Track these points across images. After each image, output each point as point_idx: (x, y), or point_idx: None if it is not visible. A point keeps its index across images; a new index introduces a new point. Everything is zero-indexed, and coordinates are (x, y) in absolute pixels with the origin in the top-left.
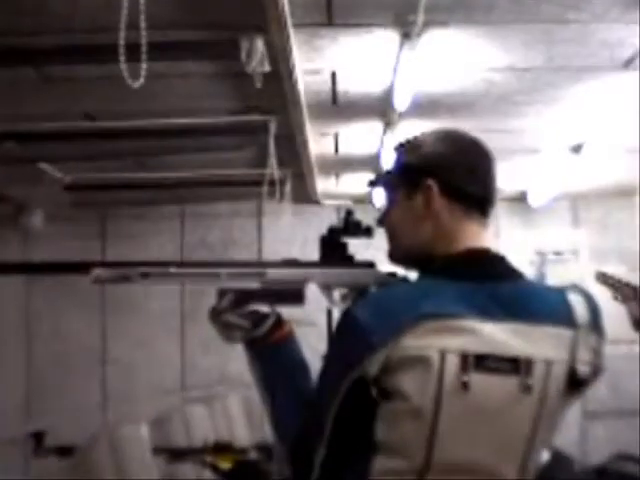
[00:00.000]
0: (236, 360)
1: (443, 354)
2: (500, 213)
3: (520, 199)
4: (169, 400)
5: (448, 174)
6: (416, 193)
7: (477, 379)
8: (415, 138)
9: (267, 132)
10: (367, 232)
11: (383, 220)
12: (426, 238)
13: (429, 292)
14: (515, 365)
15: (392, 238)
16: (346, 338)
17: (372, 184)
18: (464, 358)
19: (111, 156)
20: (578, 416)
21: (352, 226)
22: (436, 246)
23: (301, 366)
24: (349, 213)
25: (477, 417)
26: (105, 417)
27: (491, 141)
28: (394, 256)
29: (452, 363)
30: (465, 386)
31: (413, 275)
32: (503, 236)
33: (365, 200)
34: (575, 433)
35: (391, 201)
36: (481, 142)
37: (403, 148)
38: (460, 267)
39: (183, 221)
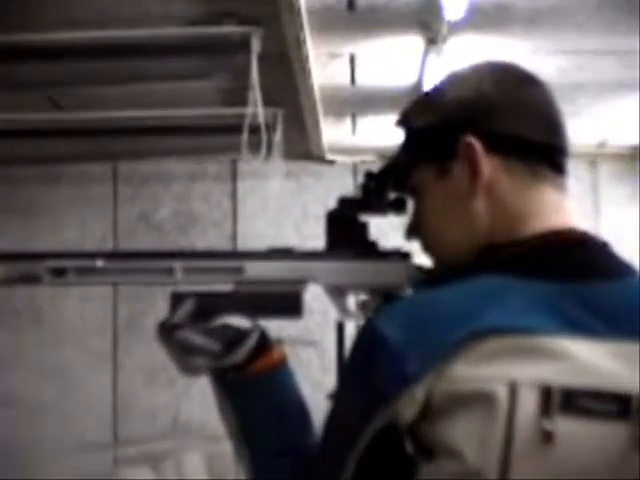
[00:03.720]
0: (197, 399)
1: (514, 388)
2: (600, 179)
3: (632, 158)
4: (95, 459)
5: (491, 119)
6: (450, 165)
7: (566, 426)
8: (425, 93)
9: (248, 52)
10: (397, 206)
11: (414, 228)
12: (481, 224)
13: (490, 296)
14: (623, 405)
15: (434, 249)
16: (367, 367)
17: (375, 178)
18: (546, 394)
19: (7, 87)
20: None
21: (375, 196)
22: (496, 231)
23: (297, 408)
24: (371, 177)
25: None
26: None
27: (585, 69)
28: (444, 273)
29: (528, 402)
30: (548, 437)
31: None
32: (605, 213)
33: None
34: None
35: (417, 196)
36: (525, 68)
37: (411, 112)
38: (536, 259)
39: (117, 187)
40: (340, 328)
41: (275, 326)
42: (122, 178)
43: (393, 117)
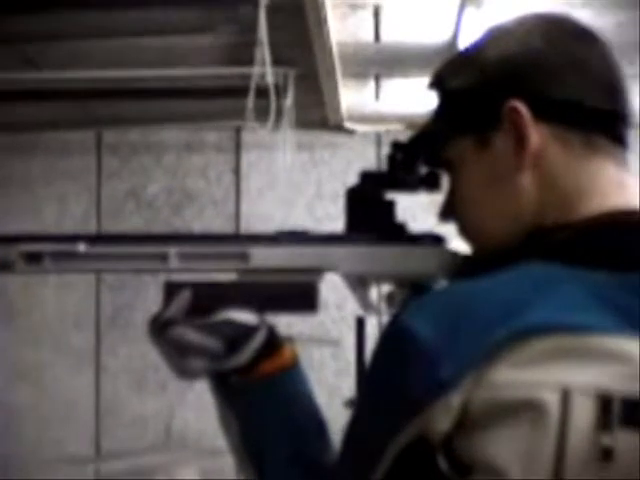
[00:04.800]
0: (192, 406)
1: (566, 396)
2: None
3: None
4: (74, 474)
5: (540, 80)
6: (492, 134)
7: (626, 441)
8: (462, 51)
9: (255, 1)
10: (430, 182)
11: (449, 208)
12: (528, 203)
13: (538, 289)
14: None
15: (473, 232)
16: (394, 370)
17: (404, 149)
18: (604, 404)
19: None
20: None
21: (403, 171)
22: (546, 211)
23: (311, 417)
24: (399, 148)
25: None
26: None
27: None
28: (484, 260)
29: (583, 412)
30: (607, 454)
31: None
32: None
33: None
34: None
35: (453, 170)
36: (580, 22)
37: (446, 73)
38: (592, 244)
39: (101, 159)
40: (360, 325)
41: (283, 322)
42: (107, 148)
43: (424, 79)
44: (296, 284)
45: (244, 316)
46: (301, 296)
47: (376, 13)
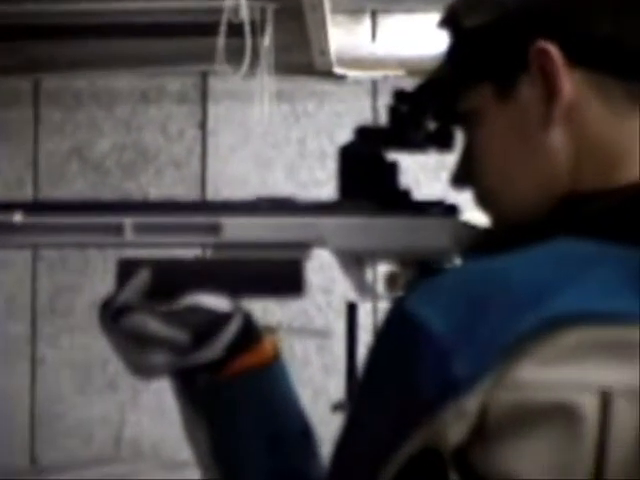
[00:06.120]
0: (149, 409)
1: (606, 399)
2: None
3: None
4: None
5: (574, 16)
6: (516, 82)
7: None
8: None
9: None
10: (440, 139)
11: (464, 171)
12: (559, 165)
13: (571, 269)
14: None
15: (493, 200)
16: (398, 367)
17: (409, 100)
18: None
19: None
20: None
21: (408, 126)
22: (580, 174)
23: (294, 422)
24: (403, 98)
25: None
26: None
27: None
28: (506, 235)
29: (626, 419)
30: None
31: None
32: None
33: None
34: None
35: (469, 125)
36: None
37: (460, 7)
38: (635, 216)
39: (39, 111)
40: (351, 312)
41: (258, 309)
42: (47, 98)
43: (432, 16)
44: (278, 262)
45: (214, 301)
46: (284, 276)
47: None
